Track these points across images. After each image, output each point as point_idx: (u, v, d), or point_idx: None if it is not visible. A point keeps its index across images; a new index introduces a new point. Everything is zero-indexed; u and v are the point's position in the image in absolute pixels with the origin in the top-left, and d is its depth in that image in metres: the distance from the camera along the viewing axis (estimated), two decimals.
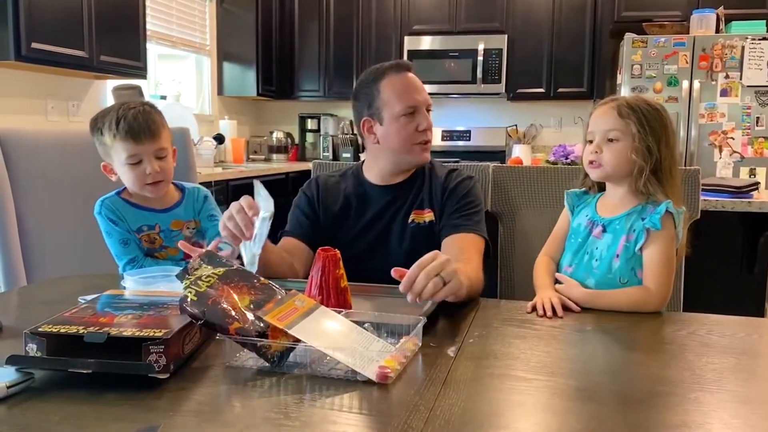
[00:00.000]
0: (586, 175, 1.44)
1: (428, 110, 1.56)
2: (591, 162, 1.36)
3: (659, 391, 0.88)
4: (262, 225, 1.21)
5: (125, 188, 1.53)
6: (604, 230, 1.36)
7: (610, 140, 1.33)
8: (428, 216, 1.55)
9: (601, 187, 1.45)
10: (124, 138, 1.42)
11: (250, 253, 1.23)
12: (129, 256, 1.48)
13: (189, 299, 0.93)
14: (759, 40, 3.88)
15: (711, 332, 1.13)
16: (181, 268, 1.02)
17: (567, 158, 3.50)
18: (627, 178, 1.34)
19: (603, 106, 1.37)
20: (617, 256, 1.32)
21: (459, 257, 1.36)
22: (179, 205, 1.56)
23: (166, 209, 1.54)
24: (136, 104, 1.49)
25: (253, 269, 1.20)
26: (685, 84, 3.96)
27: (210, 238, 1.60)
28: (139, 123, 1.42)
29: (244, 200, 1.23)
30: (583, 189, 1.48)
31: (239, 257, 1.25)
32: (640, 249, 1.30)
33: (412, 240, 1.53)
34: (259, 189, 1.24)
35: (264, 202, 1.22)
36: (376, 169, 1.61)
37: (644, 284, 1.29)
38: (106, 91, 3.63)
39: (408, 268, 1.28)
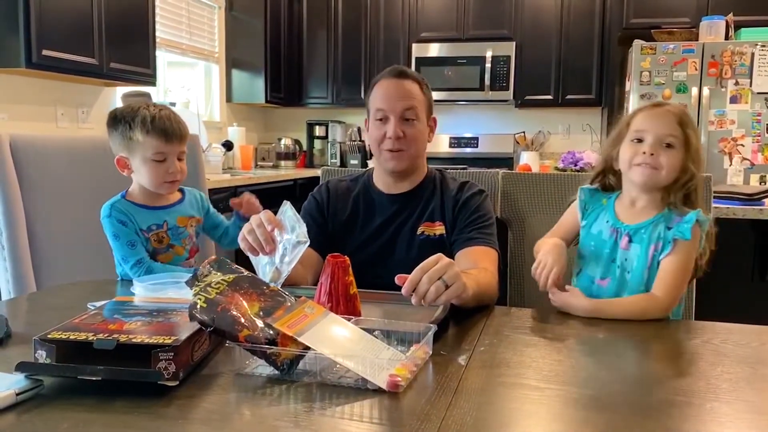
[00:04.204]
0: (601, 174, 1.41)
1: (407, 119, 1.52)
2: (643, 164, 1.30)
3: (674, 400, 0.86)
4: (296, 248, 1.19)
5: (127, 191, 1.57)
6: (630, 240, 1.33)
7: (668, 145, 1.29)
8: (439, 229, 1.54)
9: (607, 186, 1.43)
10: (158, 135, 1.48)
11: (269, 268, 1.22)
12: (136, 258, 1.50)
13: (198, 306, 0.93)
14: None
15: (725, 341, 1.12)
16: (191, 275, 1.01)
17: (576, 165, 3.48)
18: (665, 187, 1.31)
19: (659, 109, 1.33)
20: (648, 267, 1.30)
21: (474, 267, 1.36)
22: (181, 202, 1.61)
23: (171, 205, 1.59)
24: (163, 106, 1.56)
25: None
26: (695, 91, 3.94)
27: (225, 228, 1.71)
28: (172, 123, 1.50)
29: (264, 215, 1.23)
30: (594, 186, 1.44)
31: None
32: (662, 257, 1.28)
33: (421, 252, 1.51)
34: (287, 209, 1.23)
35: (295, 224, 1.20)
36: (380, 174, 1.62)
37: (653, 291, 1.27)
38: (115, 98, 3.65)
39: None
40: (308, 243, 1.18)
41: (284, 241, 1.21)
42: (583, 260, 1.42)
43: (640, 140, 1.31)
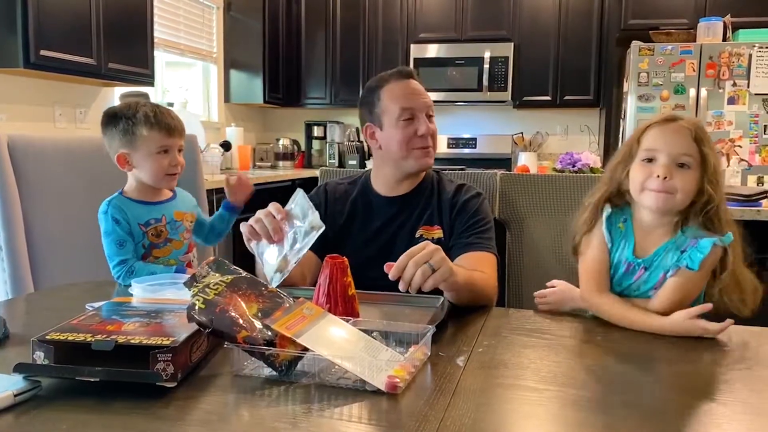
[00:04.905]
0: (606, 200, 1.28)
1: (430, 116, 1.55)
2: (656, 188, 1.18)
3: (672, 401, 0.87)
4: (308, 235, 1.18)
5: (123, 189, 1.61)
6: (645, 270, 1.25)
7: (682, 165, 1.18)
8: (437, 233, 1.53)
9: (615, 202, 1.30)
10: (161, 129, 1.54)
11: (277, 257, 1.21)
12: (120, 257, 1.52)
13: (197, 307, 0.93)
14: (766, 47, 3.87)
15: (723, 342, 1.12)
16: (189, 276, 1.01)
17: (574, 166, 3.48)
18: (681, 210, 1.21)
19: (671, 124, 1.22)
20: (655, 288, 1.24)
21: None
22: (175, 198, 1.66)
23: (168, 200, 1.63)
24: (157, 104, 1.63)
25: (279, 278, 1.19)
26: (692, 92, 3.95)
27: (210, 223, 1.75)
28: (173, 118, 1.58)
29: (273, 206, 1.24)
30: (610, 210, 1.28)
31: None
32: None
33: None
34: (299, 197, 1.23)
35: (308, 212, 1.20)
36: (381, 176, 1.61)
37: (651, 301, 1.23)
38: (113, 98, 3.64)
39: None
40: (323, 228, 1.17)
41: (295, 229, 1.21)
42: None
43: (650, 159, 1.21)
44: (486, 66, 4.78)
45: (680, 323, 1.14)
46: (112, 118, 1.56)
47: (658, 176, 1.18)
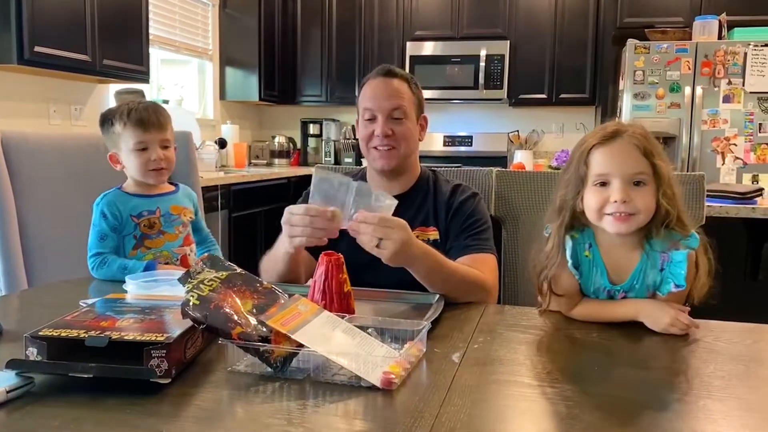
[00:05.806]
0: (562, 226, 1.22)
1: (396, 119, 1.50)
2: (616, 213, 1.14)
3: (667, 398, 0.87)
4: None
5: (122, 185, 1.63)
6: (626, 293, 1.23)
7: (637, 183, 1.14)
8: (433, 234, 1.52)
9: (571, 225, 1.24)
10: (134, 126, 1.55)
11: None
12: (97, 250, 1.55)
13: (191, 303, 0.93)
14: (761, 46, 3.88)
15: (718, 339, 1.12)
16: (184, 272, 1.01)
17: None
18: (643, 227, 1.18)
19: (618, 142, 1.16)
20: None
21: None
22: (175, 193, 1.67)
23: (166, 193, 1.65)
24: (145, 101, 1.66)
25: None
26: (688, 90, 3.96)
27: (201, 237, 1.75)
28: (148, 113, 1.57)
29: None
30: (568, 236, 1.22)
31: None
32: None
33: None
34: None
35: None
36: (371, 175, 1.61)
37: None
38: (108, 95, 3.63)
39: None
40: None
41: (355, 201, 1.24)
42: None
43: (604, 183, 1.16)
44: (482, 64, 4.79)
45: (659, 304, 1.17)
46: (101, 121, 1.61)
47: (616, 201, 1.14)
